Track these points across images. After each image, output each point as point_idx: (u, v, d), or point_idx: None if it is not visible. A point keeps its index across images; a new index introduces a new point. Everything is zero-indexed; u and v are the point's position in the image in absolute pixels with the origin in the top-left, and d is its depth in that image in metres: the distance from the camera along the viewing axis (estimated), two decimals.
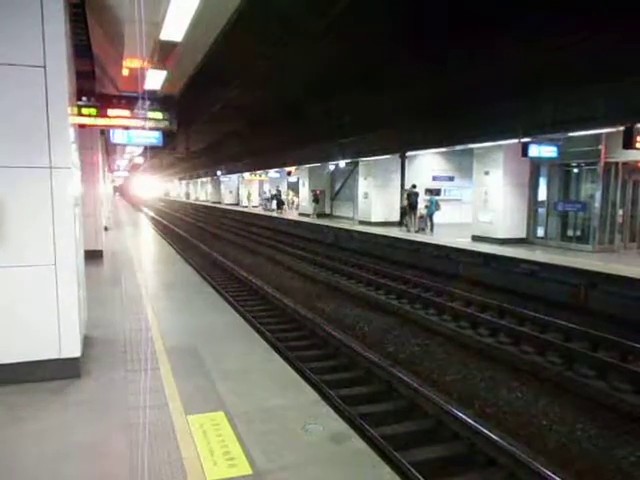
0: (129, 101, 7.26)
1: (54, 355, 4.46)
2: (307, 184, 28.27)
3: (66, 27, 4.48)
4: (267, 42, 8.72)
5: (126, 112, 7.21)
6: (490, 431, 4.81)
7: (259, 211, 34.58)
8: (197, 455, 3.30)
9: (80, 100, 6.80)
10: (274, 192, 33.39)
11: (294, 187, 34.81)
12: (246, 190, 41.61)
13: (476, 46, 8.72)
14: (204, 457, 3.27)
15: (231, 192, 45.71)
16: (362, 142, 18.32)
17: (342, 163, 23.29)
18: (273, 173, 34.67)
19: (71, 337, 4.51)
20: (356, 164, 22.97)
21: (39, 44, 4.19)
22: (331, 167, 27.19)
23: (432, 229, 18.22)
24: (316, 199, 27.17)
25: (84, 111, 6.91)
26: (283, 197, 33.45)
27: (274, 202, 32.36)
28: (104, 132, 12.30)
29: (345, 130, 16.77)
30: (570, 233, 14.44)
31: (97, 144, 12.30)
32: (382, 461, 3.37)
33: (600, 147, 13.04)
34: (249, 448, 3.38)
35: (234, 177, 42.46)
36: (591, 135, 12.50)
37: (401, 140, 16.80)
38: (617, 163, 13.26)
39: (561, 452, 4.99)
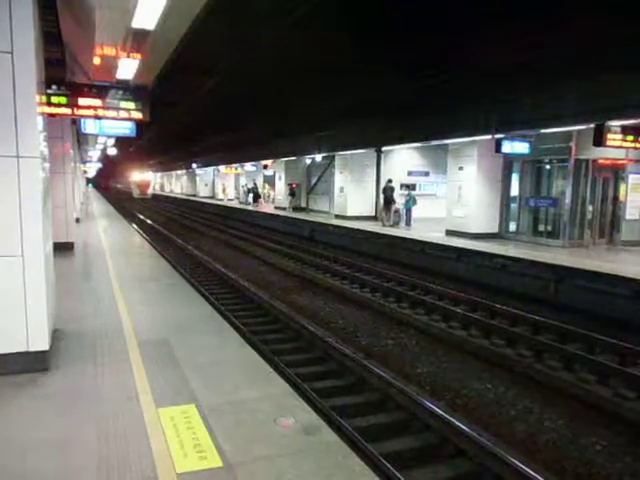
0: (100, 90, 7.09)
1: (22, 348, 4.38)
2: (283, 178, 28.20)
3: (35, 11, 4.36)
4: (241, 31, 8.64)
5: (97, 101, 7.04)
6: (460, 422, 4.88)
7: (235, 204, 34.36)
8: (167, 448, 3.28)
9: (50, 88, 6.63)
10: (250, 185, 33.27)
11: (270, 180, 34.67)
12: (222, 183, 41.34)
13: (447, 45, 8.79)
14: (174, 450, 3.25)
15: (206, 185, 45.38)
16: (339, 135, 18.34)
17: (318, 157, 23.25)
18: (249, 166, 34.47)
19: (39, 330, 4.42)
20: (332, 158, 22.96)
21: (6, 28, 4.06)
22: (307, 161, 27.16)
23: (409, 223, 18.35)
24: (292, 193, 27.18)
25: (54, 100, 6.73)
26: (259, 190, 33.35)
27: (250, 195, 32.24)
28: (75, 121, 12.05)
29: (323, 123, 16.75)
30: (541, 228, 14.70)
31: (68, 134, 12.07)
32: (352, 452, 3.39)
33: (571, 144, 13.30)
34: (220, 440, 3.37)
35: (209, 170, 42.10)
36: (562, 132, 12.74)
37: (378, 135, 16.90)
38: (587, 160, 13.54)
39: (529, 441, 5.10)
